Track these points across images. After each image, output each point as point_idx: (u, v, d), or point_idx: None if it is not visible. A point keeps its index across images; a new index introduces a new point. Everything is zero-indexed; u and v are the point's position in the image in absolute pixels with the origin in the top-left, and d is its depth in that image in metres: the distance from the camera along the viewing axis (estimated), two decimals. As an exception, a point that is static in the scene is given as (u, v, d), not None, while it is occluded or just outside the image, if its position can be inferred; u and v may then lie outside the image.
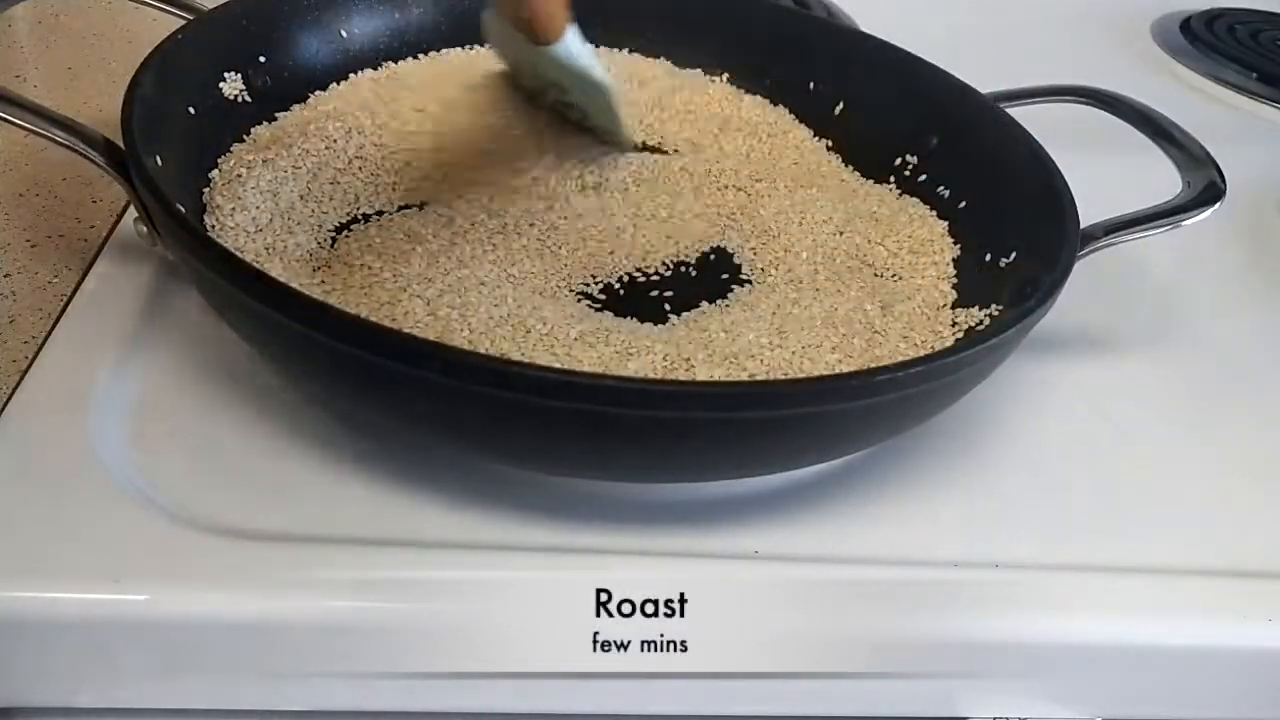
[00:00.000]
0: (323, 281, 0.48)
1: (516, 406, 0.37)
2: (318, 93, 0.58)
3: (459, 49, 0.63)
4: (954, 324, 0.50)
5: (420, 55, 0.62)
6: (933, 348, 0.48)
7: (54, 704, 0.41)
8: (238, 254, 0.43)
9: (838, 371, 0.46)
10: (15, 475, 0.41)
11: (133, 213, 0.48)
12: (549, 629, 0.40)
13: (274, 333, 0.40)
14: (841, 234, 0.56)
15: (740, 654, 0.41)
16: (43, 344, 0.46)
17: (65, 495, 0.40)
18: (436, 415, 0.40)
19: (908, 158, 0.60)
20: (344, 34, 0.60)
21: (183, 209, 0.44)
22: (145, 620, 0.38)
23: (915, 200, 0.58)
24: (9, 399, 0.43)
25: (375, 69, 0.61)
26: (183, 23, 0.54)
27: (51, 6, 0.76)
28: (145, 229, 0.47)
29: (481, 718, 0.43)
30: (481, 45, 0.62)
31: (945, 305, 0.51)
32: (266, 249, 0.48)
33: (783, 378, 0.45)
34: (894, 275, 0.53)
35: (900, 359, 0.46)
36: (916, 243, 0.55)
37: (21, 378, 0.44)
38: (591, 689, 0.41)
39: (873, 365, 0.45)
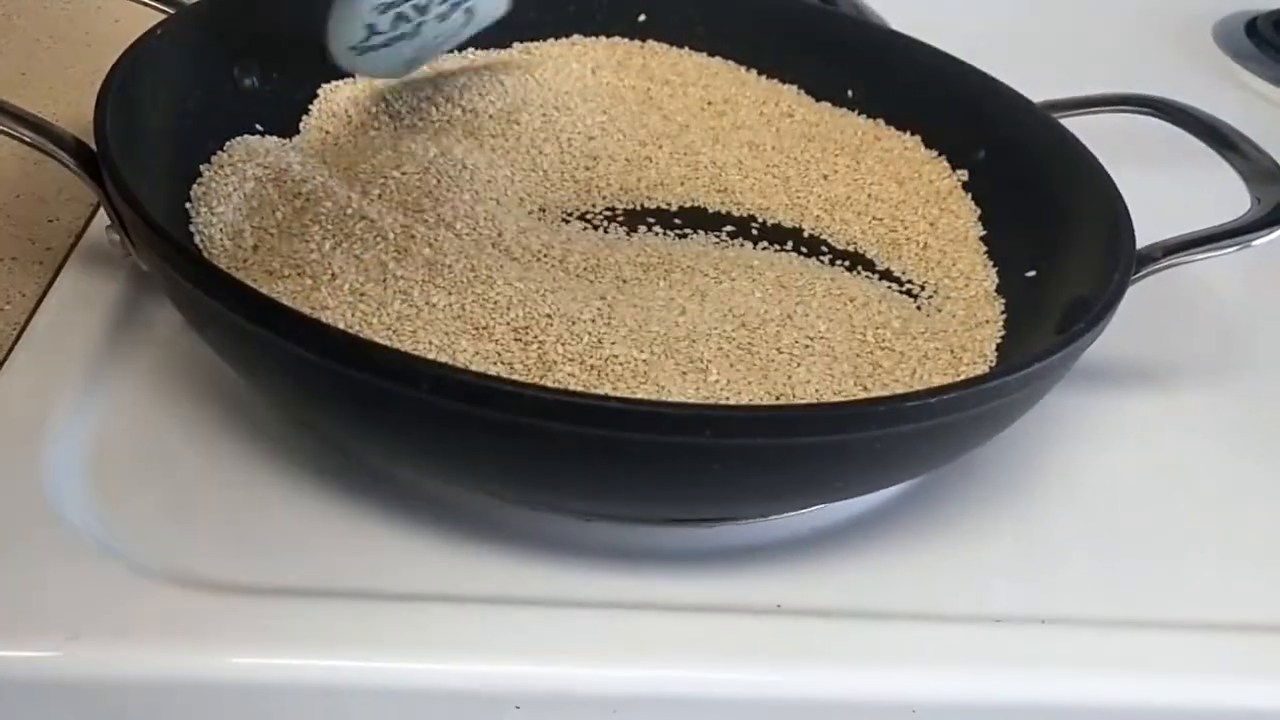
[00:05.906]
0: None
1: (520, 430, 0.35)
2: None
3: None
4: (996, 349, 0.49)
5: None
6: (970, 374, 0.47)
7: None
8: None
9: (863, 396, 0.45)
10: (-38, 523, 0.39)
11: (99, 225, 0.47)
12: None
13: (259, 350, 0.39)
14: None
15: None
16: (-7, 377, 0.45)
17: (18, 544, 0.39)
18: (436, 440, 0.38)
19: (958, 172, 0.59)
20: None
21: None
22: (106, 681, 0.36)
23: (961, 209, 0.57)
24: (-43, 436, 0.42)
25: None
26: (158, 19, 0.52)
27: (3, 7, 0.74)
28: (118, 237, 0.45)
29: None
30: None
31: (987, 326, 0.50)
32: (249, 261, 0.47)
33: (804, 402, 0.43)
34: (933, 293, 0.52)
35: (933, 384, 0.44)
36: (960, 262, 0.54)
37: (-31, 414, 0.43)
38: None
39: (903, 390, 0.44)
